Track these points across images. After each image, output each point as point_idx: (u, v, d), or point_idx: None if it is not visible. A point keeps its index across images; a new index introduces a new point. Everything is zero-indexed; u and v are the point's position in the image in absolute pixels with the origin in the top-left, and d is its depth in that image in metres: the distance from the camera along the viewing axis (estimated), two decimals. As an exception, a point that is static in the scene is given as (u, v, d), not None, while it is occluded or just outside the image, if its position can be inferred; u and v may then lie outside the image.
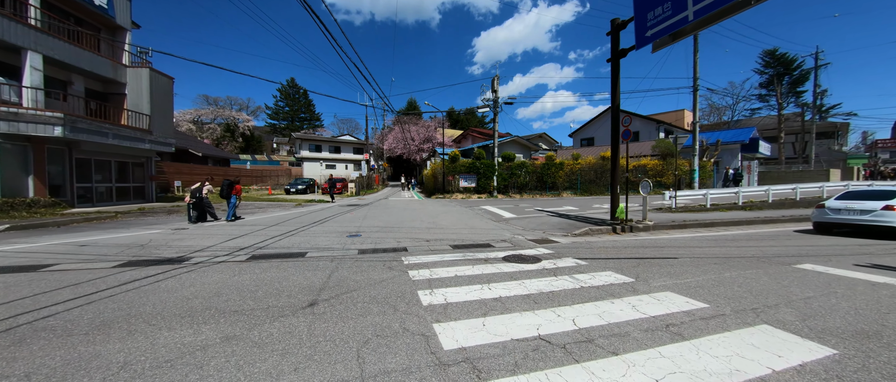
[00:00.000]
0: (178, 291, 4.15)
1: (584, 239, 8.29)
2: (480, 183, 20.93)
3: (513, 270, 5.12)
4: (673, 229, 10.13)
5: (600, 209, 14.35)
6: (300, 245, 7.29)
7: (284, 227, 9.83)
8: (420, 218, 11.78)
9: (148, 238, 8.15)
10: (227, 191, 11.37)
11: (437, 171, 22.87)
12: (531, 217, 12.14)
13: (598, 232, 9.35)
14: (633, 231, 9.67)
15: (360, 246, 7.23)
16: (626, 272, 5.00)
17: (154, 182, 16.49)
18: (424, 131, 44.70)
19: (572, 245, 7.47)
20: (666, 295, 3.95)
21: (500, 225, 10.49)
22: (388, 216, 12.56)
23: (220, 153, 34.66)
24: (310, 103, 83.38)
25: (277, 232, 8.88)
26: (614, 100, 10.61)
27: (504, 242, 7.73)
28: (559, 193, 21.20)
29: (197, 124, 64.29)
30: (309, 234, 8.65)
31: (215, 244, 7.41)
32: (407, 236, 8.38)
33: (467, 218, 12.02)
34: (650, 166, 21.15)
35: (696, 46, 20.81)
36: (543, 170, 20.95)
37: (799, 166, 32.15)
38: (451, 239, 7.98)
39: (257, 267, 5.43)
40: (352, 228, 9.64)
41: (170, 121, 16.60)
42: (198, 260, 5.92)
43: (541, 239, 8.24)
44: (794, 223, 11.49)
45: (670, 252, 6.61)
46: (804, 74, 36.46)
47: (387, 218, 12.02)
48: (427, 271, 5.06)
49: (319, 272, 5.05)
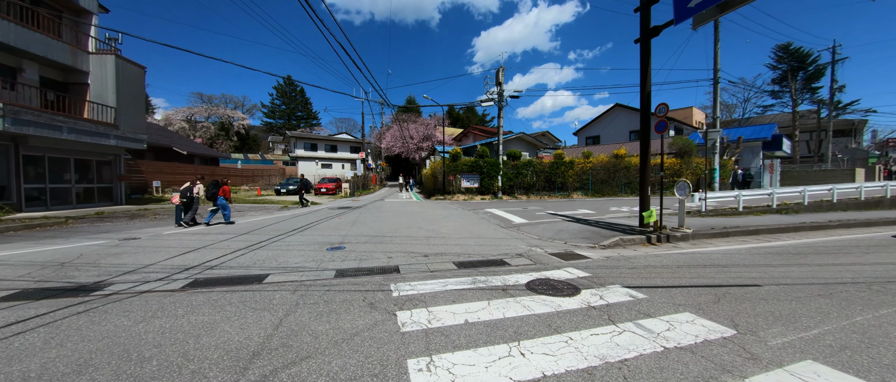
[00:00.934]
0: (19, 362, 2.60)
1: (618, 253, 6.75)
2: (484, 183, 19.38)
3: (547, 310, 3.57)
4: (715, 238, 8.61)
5: (620, 212, 12.82)
6: (265, 262, 5.74)
7: (257, 236, 8.27)
8: (418, 224, 10.23)
9: (79, 252, 6.59)
10: (213, 191, 10.26)
11: (437, 171, 21.31)
12: (545, 222, 10.59)
13: (631, 243, 7.81)
14: (671, 240, 8.14)
15: (339, 263, 5.69)
16: (711, 314, 3.46)
17: (124, 182, 14.91)
18: (423, 129, 43.10)
19: (608, 262, 5.93)
20: (816, 372, 2.41)
21: (510, 232, 8.94)
22: (381, 221, 11.01)
23: (208, 151, 33.06)
24: (306, 101, 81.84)
25: (245, 244, 7.32)
26: (645, 87, 9.07)
27: (521, 258, 6.19)
28: (569, 194, 19.66)
29: (190, 122, 62.69)
30: (282, 246, 7.09)
31: (158, 261, 5.87)
32: (401, 249, 6.83)
33: (472, 223, 10.47)
34: (667, 165, 19.60)
35: (717, 35, 19.29)
36: (552, 170, 19.41)
37: (820, 165, 30.64)
38: (455, 253, 6.44)
39: (187, 302, 3.88)
40: (336, 238, 8.09)
41: (141, 114, 15.03)
42: (115, 289, 4.38)
43: (565, 252, 6.70)
44: (846, 229, 9.98)
45: (739, 274, 5.07)
46: (819, 69, 34.96)
47: (379, 224, 10.47)
48: (424, 312, 3.52)
49: (269, 314, 3.50)
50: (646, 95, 9.12)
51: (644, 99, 9.08)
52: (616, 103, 37.86)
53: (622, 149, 19.93)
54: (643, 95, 9.09)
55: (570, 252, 6.80)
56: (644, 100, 9.08)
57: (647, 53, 9.00)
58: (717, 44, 19.43)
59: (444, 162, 20.20)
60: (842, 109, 34.27)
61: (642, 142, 9.28)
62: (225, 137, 67.29)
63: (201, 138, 62.86)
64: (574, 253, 6.73)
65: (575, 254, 6.57)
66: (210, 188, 10.40)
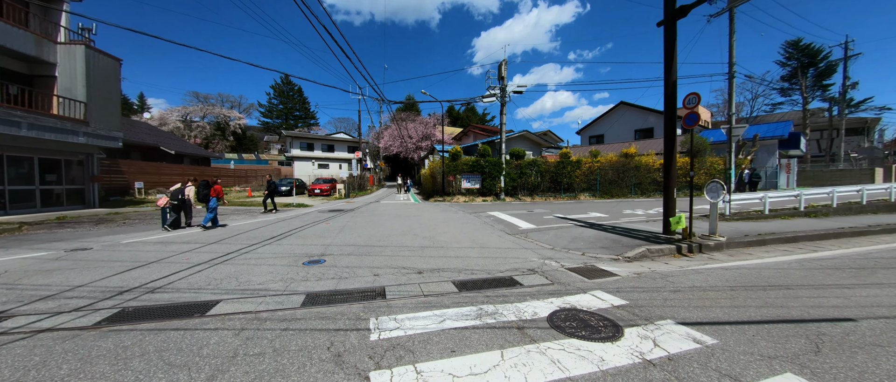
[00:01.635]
0: None
1: (649, 268, 5.68)
2: (485, 183, 18.30)
3: (587, 370, 2.49)
4: (752, 246, 7.55)
5: (635, 216, 11.75)
6: (222, 282, 4.67)
7: (227, 246, 7.20)
8: (413, 231, 9.15)
9: (4, 268, 5.51)
10: (204, 192, 9.63)
11: (436, 171, 20.25)
12: (555, 228, 9.53)
13: (660, 255, 6.74)
14: (704, 250, 7.07)
15: (313, 283, 4.62)
16: (824, 377, 2.38)
17: (97, 183, 13.83)
18: (422, 128, 42.02)
19: (641, 281, 4.85)
20: None
21: (518, 241, 7.87)
22: (373, 227, 9.94)
23: (199, 151, 31.97)
24: (304, 100, 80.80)
25: (209, 256, 6.25)
26: (669, 76, 8.03)
27: (534, 274, 5.12)
28: (576, 196, 18.59)
29: (185, 122, 61.60)
30: (251, 259, 6.02)
31: (93, 281, 4.80)
32: (391, 263, 5.76)
33: (474, 229, 9.40)
34: (679, 165, 18.54)
35: (733, 26, 18.21)
36: (557, 170, 18.34)
37: (832, 165, 29.56)
38: (455, 269, 5.37)
39: (83, 352, 2.80)
40: (317, 248, 7.01)
41: (115, 110, 13.95)
42: (7, 326, 3.31)
43: (585, 267, 5.63)
44: (891, 235, 8.91)
45: (814, 300, 3.99)
46: (831, 66, 33.90)
47: (371, 230, 9.40)
48: (411, 374, 2.44)
49: (190, 373, 2.42)
50: (671, 85, 8.07)
51: (669, 89, 8.03)
52: (621, 101, 36.81)
53: (632, 148, 18.87)
54: (668, 85, 8.03)
55: (591, 266, 5.73)
56: (669, 90, 8.02)
57: (672, 37, 7.98)
58: (733, 36, 18.36)
59: (443, 161, 19.13)
60: (854, 107, 33.21)
61: (667, 138, 8.23)
62: (221, 137, 66.25)
63: (198, 138, 61.92)
64: (596, 267, 5.66)
65: (598, 270, 5.50)
66: (201, 189, 9.63)
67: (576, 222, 10.46)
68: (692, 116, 7.49)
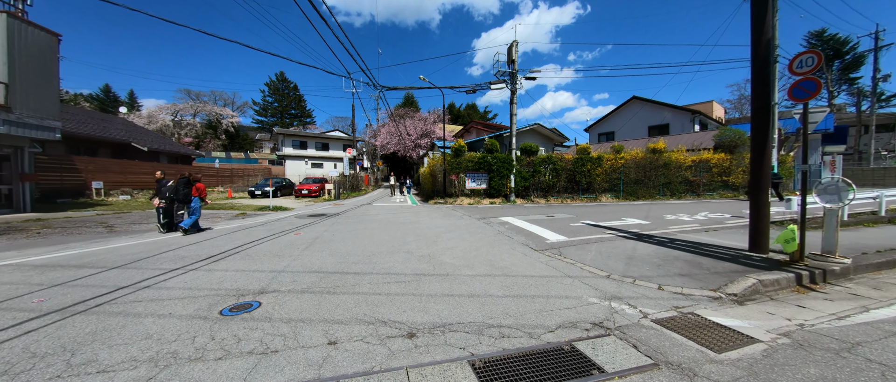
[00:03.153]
0: None
1: (785, 319, 3.46)
2: (493, 183, 16.03)
3: None
4: (887, 270, 5.30)
5: (683, 223, 9.50)
6: (43, 361, 2.38)
7: (128, 273, 4.91)
8: (406, 245, 6.89)
9: None
10: (184, 191, 8.40)
11: (436, 169, 17.99)
12: (592, 240, 7.27)
13: (776, 288, 4.50)
14: (829, 278, 4.83)
15: (203, 373, 2.33)
16: None
17: (28, 183, 11.51)
18: (422, 125, 39.72)
19: (804, 354, 2.57)
20: None
21: (554, 261, 5.60)
22: (354, 239, 7.67)
23: (180, 148, 29.66)
24: (300, 98, 78.55)
25: (80, 296, 3.97)
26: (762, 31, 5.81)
27: (607, 335, 2.89)
28: (596, 197, 16.32)
29: (175, 120, 59.25)
30: (143, 302, 3.75)
31: None
32: (364, 312, 3.49)
33: (488, 243, 7.12)
34: (714, 162, 16.31)
35: (775, 4, 16.07)
36: (575, 168, 16.08)
37: (864, 163, 27.35)
38: (473, 326, 3.12)
39: None
40: (261, 277, 4.72)
41: (52, 95, 11.64)
42: None
43: (681, 315, 3.40)
44: None
45: None
46: (858, 58, 31.71)
47: (350, 244, 7.13)
48: None
49: None
50: (763, 45, 5.84)
51: (761, 50, 5.79)
52: (633, 96, 34.60)
53: (660, 143, 16.61)
54: (759, 46, 5.80)
55: (689, 313, 3.50)
56: (761, 51, 5.78)
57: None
58: (775, 14, 16.17)
59: (444, 158, 16.87)
60: (885, 101, 31.01)
61: (756, 117, 6.01)
62: (213, 136, 63.97)
63: (188, 136, 59.59)
64: (699, 316, 3.43)
65: (707, 323, 3.27)
66: (180, 187, 8.35)
67: (616, 232, 8.20)
68: (807, 84, 5.21)
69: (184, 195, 8.31)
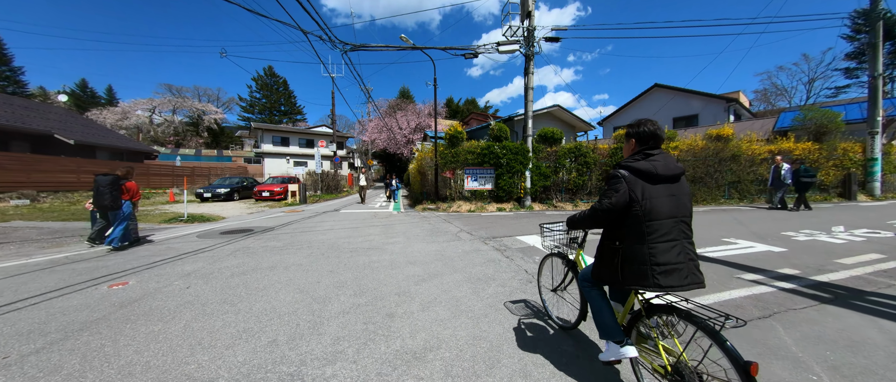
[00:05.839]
0: None
1: None
2: (501, 182, 11.83)
3: None
4: None
5: (836, 247, 5.27)
6: None
7: None
8: (316, 338, 2.66)
9: None
10: (112, 195, 6.18)
11: (426, 165, 13.77)
12: (741, 302, 3.05)
13: None
14: None
15: None
16: None
17: None
18: (416, 118, 35.45)
19: None
20: None
21: None
22: (202, 315, 3.45)
23: (128, 143, 25.41)
24: (290, 94, 74.45)
25: None
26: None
27: None
28: (640, 201, 12.15)
29: (151, 118, 55.02)
30: None
31: None
32: None
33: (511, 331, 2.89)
34: (796, 154, 12.08)
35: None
36: (614, 161, 11.92)
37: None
38: None
39: None
40: None
41: None
42: None
43: None
44: None
45: None
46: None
47: (170, 337, 2.88)
48: None
49: None
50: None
51: None
52: (655, 84, 30.44)
53: (727, 128, 12.40)
54: None
55: None
56: None
57: None
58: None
59: (436, 150, 12.66)
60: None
61: None
62: (194, 133, 59.79)
63: (168, 133, 55.35)
64: None
65: None
66: (105, 190, 6.16)
67: (760, 277, 4.06)
68: None
69: (111, 199, 6.18)
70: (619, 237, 1.82)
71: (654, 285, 1.67)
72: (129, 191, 6.50)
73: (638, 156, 1.86)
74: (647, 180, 1.76)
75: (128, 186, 6.50)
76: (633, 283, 1.75)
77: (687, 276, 1.69)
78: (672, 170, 1.79)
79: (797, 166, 10.43)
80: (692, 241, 1.79)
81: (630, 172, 1.80)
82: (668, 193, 1.76)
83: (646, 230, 1.70)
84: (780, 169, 10.47)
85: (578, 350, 2.51)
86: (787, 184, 10.39)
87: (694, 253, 1.77)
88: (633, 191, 1.74)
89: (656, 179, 1.75)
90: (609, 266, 1.86)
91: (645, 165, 1.77)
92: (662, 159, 1.80)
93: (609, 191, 1.82)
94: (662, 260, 1.67)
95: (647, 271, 1.68)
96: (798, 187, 10.28)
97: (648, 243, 1.69)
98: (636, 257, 1.72)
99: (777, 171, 10.59)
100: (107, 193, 6.14)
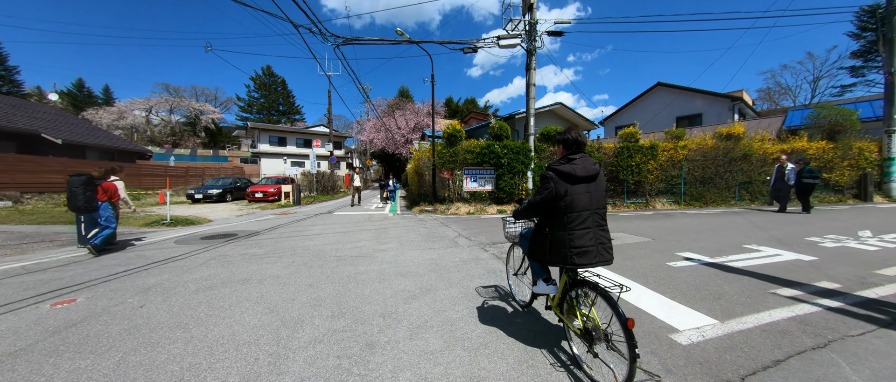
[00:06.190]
0: None
1: None
2: (502, 183, 11.32)
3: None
4: None
5: (868, 255, 4.77)
6: None
7: None
8: None
9: None
10: (86, 195, 5.79)
11: (423, 164, 13.26)
12: (760, 328, 2.52)
13: None
14: None
15: None
16: None
17: None
18: (414, 118, 34.91)
19: None
20: None
21: None
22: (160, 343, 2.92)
23: (120, 143, 24.89)
24: (289, 94, 73.95)
25: None
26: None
27: None
28: (647, 202, 11.59)
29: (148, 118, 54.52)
30: None
31: None
32: None
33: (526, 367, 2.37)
34: (811, 153, 11.56)
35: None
36: (619, 161, 11.34)
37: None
38: None
39: None
40: None
41: None
42: None
43: None
44: None
45: None
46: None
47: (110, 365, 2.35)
48: None
49: None
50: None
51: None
52: (658, 82, 29.95)
53: (737, 126, 11.88)
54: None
55: None
56: None
57: None
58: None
59: (433, 149, 12.14)
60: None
61: None
62: (191, 133, 59.25)
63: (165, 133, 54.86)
64: None
65: None
66: (79, 191, 5.73)
67: (764, 280, 3.53)
68: None
69: (84, 201, 5.78)
70: (548, 225, 2.24)
71: (571, 264, 2.10)
72: (107, 192, 6.11)
73: (563, 160, 2.24)
74: (569, 181, 2.14)
75: (105, 187, 6.11)
76: (557, 262, 2.19)
77: (596, 257, 2.10)
78: (589, 172, 2.16)
79: (801, 166, 9.83)
80: (605, 228, 2.20)
81: (556, 174, 2.17)
82: (586, 190, 2.14)
83: (567, 220, 2.11)
84: (785, 169, 9.91)
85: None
86: (790, 186, 9.85)
87: (606, 238, 2.16)
88: (559, 190, 2.13)
89: (577, 180, 2.13)
90: (540, 248, 2.30)
91: (567, 168, 2.15)
92: (582, 162, 2.18)
93: (541, 189, 2.21)
94: (578, 243, 2.09)
95: (566, 252, 2.10)
96: (800, 189, 9.68)
97: (568, 230, 2.11)
98: (559, 241, 2.14)
99: (781, 171, 10.03)
100: (80, 194, 5.75)
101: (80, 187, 5.74)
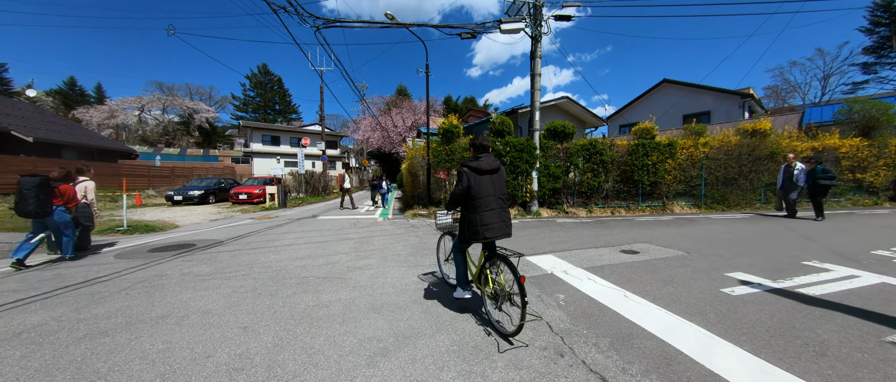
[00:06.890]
0: None
1: None
2: (502, 185, 10.23)
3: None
4: None
5: None
6: None
7: None
8: None
9: None
10: (40, 198, 5.12)
11: (418, 164, 12.10)
12: None
13: None
14: None
15: None
16: None
17: None
18: (412, 116, 33.77)
19: None
20: None
21: None
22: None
23: (101, 142, 23.73)
24: (285, 93, 72.74)
25: None
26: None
27: None
28: (664, 206, 10.48)
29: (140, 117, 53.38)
30: None
31: None
32: None
33: None
34: (842, 151, 10.48)
35: None
36: (634, 160, 10.21)
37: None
38: None
39: None
40: None
41: None
42: None
43: None
44: None
45: None
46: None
47: None
48: None
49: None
50: None
51: None
52: (664, 79, 28.89)
53: (764, 122, 10.77)
54: None
55: None
56: None
57: None
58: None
59: (428, 147, 11.02)
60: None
61: None
62: (185, 132, 58.02)
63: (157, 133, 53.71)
64: None
65: None
66: (30, 195, 4.98)
67: (863, 317, 2.40)
68: None
69: (36, 206, 5.01)
70: (466, 209, 2.99)
71: (483, 237, 2.87)
72: (64, 196, 5.44)
73: (473, 158, 3.03)
74: (477, 173, 2.92)
75: (62, 190, 5.44)
76: (474, 239, 2.94)
77: (499, 231, 2.91)
78: (492, 166, 2.96)
79: (812, 166, 8.63)
80: (506, 209, 3.01)
81: (468, 169, 2.95)
82: (491, 180, 2.95)
83: (476, 205, 2.89)
84: (793, 168, 8.76)
85: None
86: (800, 187, 8.70)
87: (507, 217, 2.99)
88: (470, 181, 2.90)
89: (482, 172, 2.93)
90: (464, 229, 3.02)
91: (475, 164, 2.94)
92: (486, 159, 2.97)
93: (459, 182, 2.96)
94: (486, 221, 2.87)
95: (478, 229, 2.87)
96: (812, 191, 8.56)
97: (479, 212, 2.88)
98: (473, 222, 2.90)
99: (789, 172, 8.85)
100: (31, 198, 5.02)
101: (32, 190, 4.98)
